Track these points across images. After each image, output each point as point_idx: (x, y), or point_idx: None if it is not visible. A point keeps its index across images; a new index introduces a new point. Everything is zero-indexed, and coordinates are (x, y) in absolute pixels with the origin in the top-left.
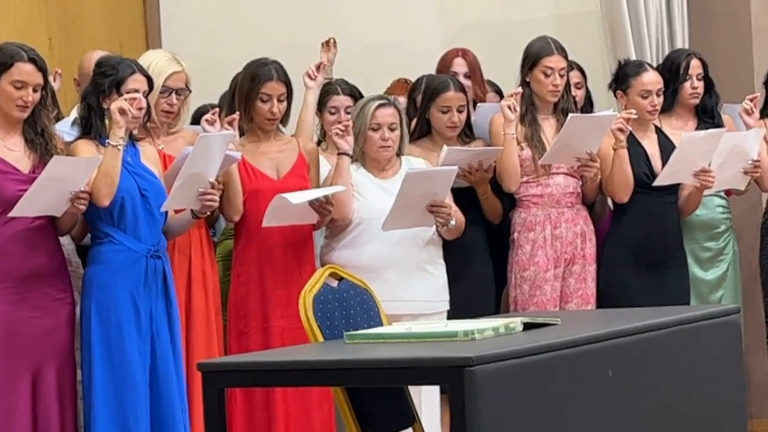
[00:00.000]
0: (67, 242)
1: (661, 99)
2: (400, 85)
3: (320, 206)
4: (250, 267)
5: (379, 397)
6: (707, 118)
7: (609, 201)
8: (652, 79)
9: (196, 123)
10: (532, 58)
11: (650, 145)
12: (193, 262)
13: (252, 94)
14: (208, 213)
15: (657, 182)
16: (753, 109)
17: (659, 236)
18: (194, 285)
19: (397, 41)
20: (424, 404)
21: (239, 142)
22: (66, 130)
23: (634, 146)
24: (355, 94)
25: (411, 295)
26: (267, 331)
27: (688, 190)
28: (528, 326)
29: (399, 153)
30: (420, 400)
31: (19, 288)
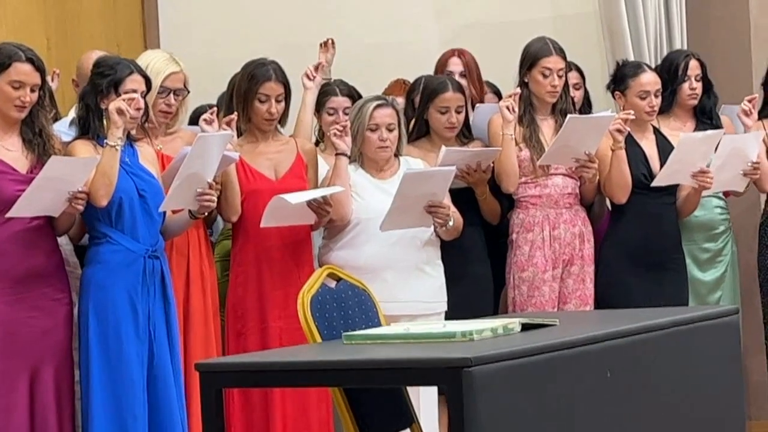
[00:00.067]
0: (65, 242)
1: (659, 100)
2: (398, 86)
3: (318, 207)
4: (248, 267)
5: (377, 398)
6: (706, 119)
7: (607, 202)
8: (650, 80)
9: (195, 123)
10: (530, 59)
11: (648, 146)
12: (192, 262)
13: (250, 94)
14: (206, 213)
15: (655, 183)
16: (751, 110)
17: (658, 237)
18: (192, 285)
19: (396, 42)
20: (423, 405)
21: (237, 142)
22: (64, 130)
23: (633, 147)
24: (354, 94)
25: (409, 296)
26: (265, 331)
27: (687, 191)
28: (526, 327)
29: (397, 153)
30: (418, 401)
31: (17, 288)
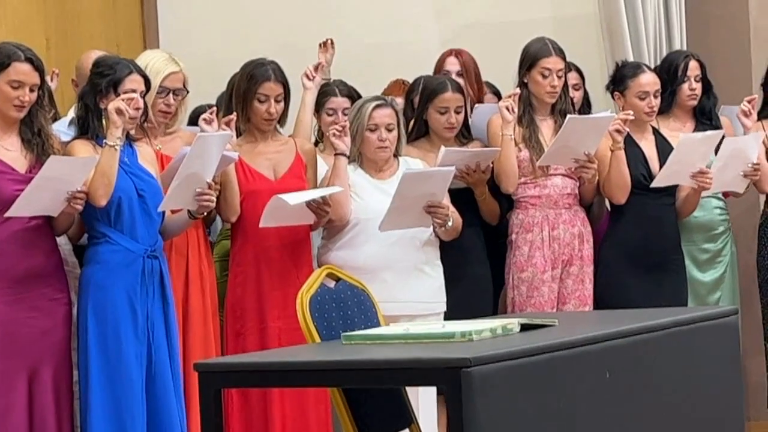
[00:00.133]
0: (64, 242)
1: (658, 100)
2: (397, 86)
3: (317, 207)
4: (247, 267)
5: (376, 398)
6: (705, 119)
7: (607, 202)
8: (649, 80)
9: (194, 123)
10: (530, 59)
11: (648, 146)
12: (191, 262)
13: (249, 94)
14: (205, 213)
15: (654, 184)
16: (751, 111)
17: (657, 238)
18: (191, 285)
19: (396, 42)
20: (422, 405)
21: (236, 142)
22: (63, 130)
23: (632, 148)
24: (353, 95)
25: (408, 296)
26: (264, 331)
27: (686, 192)
28: (525, 327)
29: (396, 154)
30: (417, 401)
31: (16, 288)
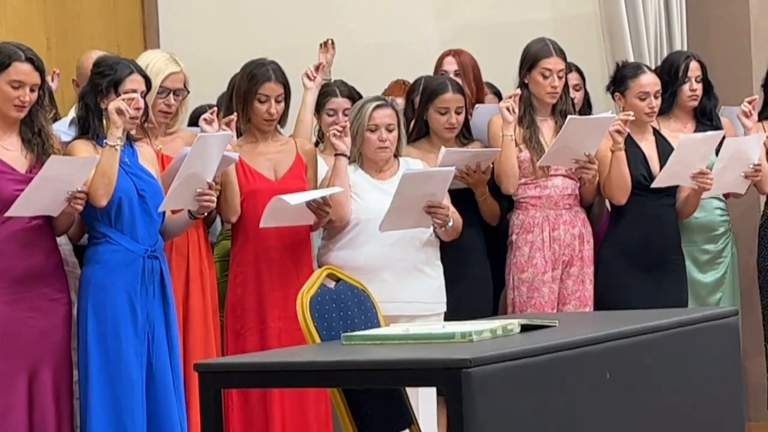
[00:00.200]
0: (64, 242)
1: (658, 101)
2: (397, 86)
3: (318, 207)
4: (248, 268)
5: (376, 399)
6: (706, 120)
7: (607, 203)
8: (649, 81)
9: (194, 124)
10: (530, 60)
11: (648, 147)
12: (191, 262)
13: (250, 94)
14: (206, 214)
15: (655, 184)
16: (751, 112)
17: (657, 238)
18: (192, 285)
19: (396, 42)
20: (422, 406)
21: (237, 142)
22: (63, 130)
23: (632, 148)
24: (354, 95)
25: (408, 297)
26: (264, 332)
27: (686, 193)
28: (526, 328)
29: (397, 154)
30: (417, 402)
31: (16, 288)
